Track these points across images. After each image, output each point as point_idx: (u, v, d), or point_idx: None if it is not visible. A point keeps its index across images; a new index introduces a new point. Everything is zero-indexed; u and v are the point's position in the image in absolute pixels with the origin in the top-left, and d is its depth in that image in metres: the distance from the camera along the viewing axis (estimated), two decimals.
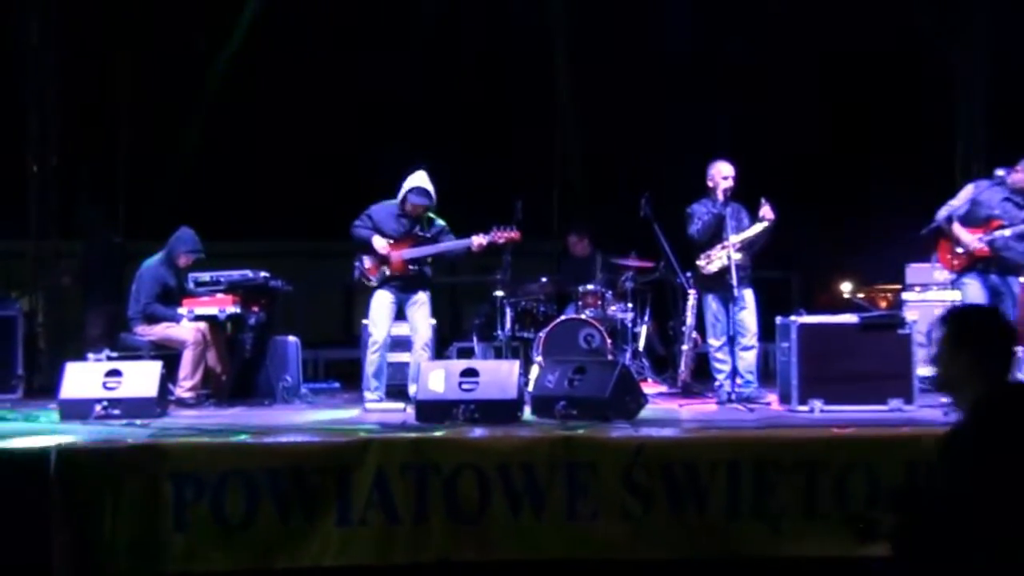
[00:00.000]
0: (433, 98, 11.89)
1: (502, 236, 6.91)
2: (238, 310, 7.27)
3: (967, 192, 6.92)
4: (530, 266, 9.16)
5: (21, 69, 9.60)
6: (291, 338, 7.90)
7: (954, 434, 3.01)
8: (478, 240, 6.89)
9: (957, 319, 3.09)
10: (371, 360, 6.86)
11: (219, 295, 7.29)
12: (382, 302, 6.93)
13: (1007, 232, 6.70)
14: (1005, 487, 2.78)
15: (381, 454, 4.79)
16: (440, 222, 7.11)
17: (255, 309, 7.42)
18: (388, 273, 6.93)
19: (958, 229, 6.78)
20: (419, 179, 6.91)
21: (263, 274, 7.54)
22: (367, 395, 6.82)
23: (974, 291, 6.79)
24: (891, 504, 3.17)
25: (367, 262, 6.98)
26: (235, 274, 7.39)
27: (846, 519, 4.01)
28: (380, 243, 6.91)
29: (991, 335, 3.01)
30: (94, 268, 9.07)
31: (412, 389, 6.79)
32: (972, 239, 6.73)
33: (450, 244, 7.01)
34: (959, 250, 6.79)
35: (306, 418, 6.35)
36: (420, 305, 6.99)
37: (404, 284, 6.96)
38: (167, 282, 7.29)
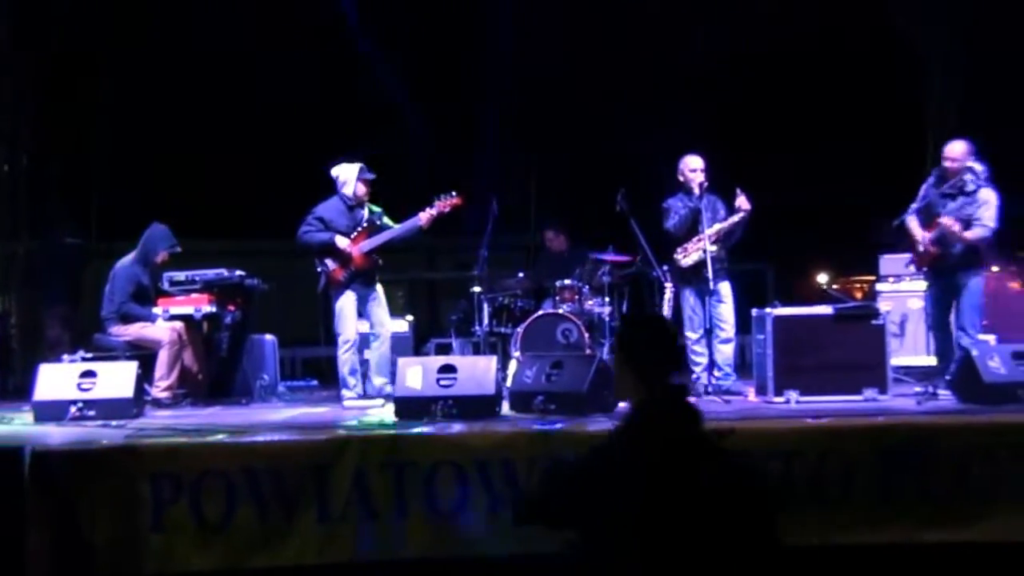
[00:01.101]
0: (409, 95, 11.89)
1: (447, 204, 6.91)
2: (214, 309, 7.25)
3: (923, 188, 6.74)
4: (507, 261, 9.18)
5: None
6: (268, 336, 7.87)
7: (609, 438, 3.04)
8: (425, 216, 6.86)
9: (621, 330, 3.22)
10: (345, 360, 6.84)
11: (195, 294, 7.26)
12: (349, 301, 6.89)
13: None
14: (642, 492, 2.80)
15: (360, 452, 4.78)
16: (378, 208, 7.07)
17: (231, 308, 7.40)
18: (353, 270, 6.88)
19: (913, 227, 6.67)
20: (355, 164, 6.91)
21: (239, 273, 7.52)
22: (345, 393, 6.81)
23: (932, 290, 6.77)
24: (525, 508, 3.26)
25: (331, 265, 6.88)
26: (210, 273, 7.37)
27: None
28: (343, 242, 6.84)
29: (651, 344, 3.03)
30: (44, 268, 8.95)
31: (379, 382, 6.79)
32: (920, 237, 6.62)
33: (403, 227, 6.94)
34: (920, 248, 6.67)
35: (284, 416, 6.33)
36: (380, 299, 6.99)
37: (366, 279, 6.94)
38: (141, 281, 7.24)
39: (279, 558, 4.68)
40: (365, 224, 6.94)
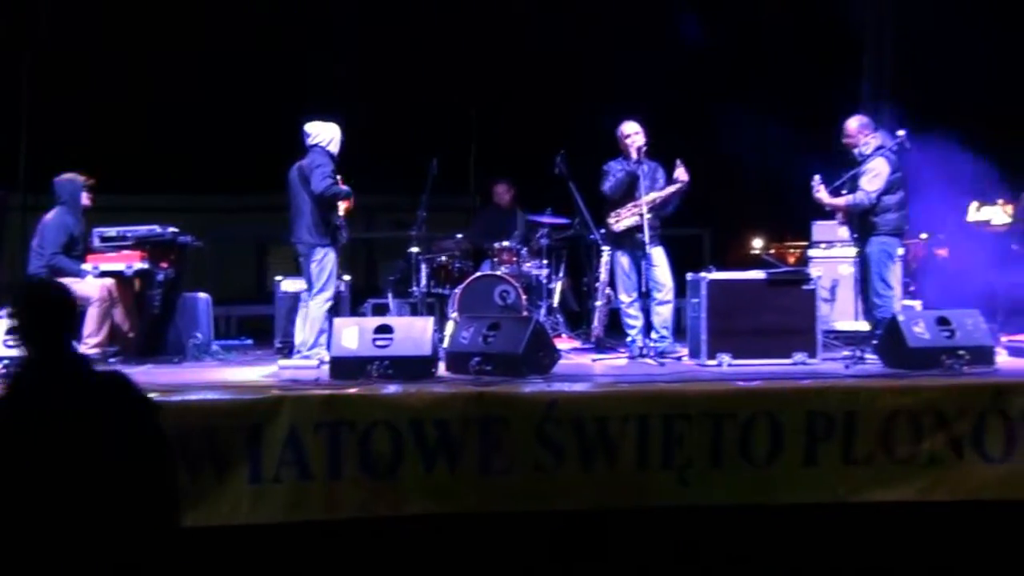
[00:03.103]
0: (349, 51, 11.71)
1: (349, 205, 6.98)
2: (146, 266, 7.10)
3: None
4: (446, 222, 9.16)
5: None
6: (201, 295, 7.76)
7: None
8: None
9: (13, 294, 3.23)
10: (323, 318, 6.71)
11: (126, 251, 7.10)
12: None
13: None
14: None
15: (294, 411, 4.76)
16: None
17: (164, 265, 7.27)
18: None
19: (822, 196, 6.84)
20: (332, 123, 6.84)
21: (172, 229, 7.37)
22: (318, 351, 6.65)
23: (858, 256, 6.99)
24: None
25: (341, 220, 6.85)
26: (142, 229, 7.21)
27: None
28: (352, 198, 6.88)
29: (33, 307, 3.07)
30: None
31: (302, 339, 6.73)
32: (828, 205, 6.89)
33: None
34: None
35: (217, 376, 6.26)
36: None
37: None
38: (73, 232, 7.05)
39: (210, 518, 4.65)
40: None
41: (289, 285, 8.08)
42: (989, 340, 5.80)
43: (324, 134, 6.82)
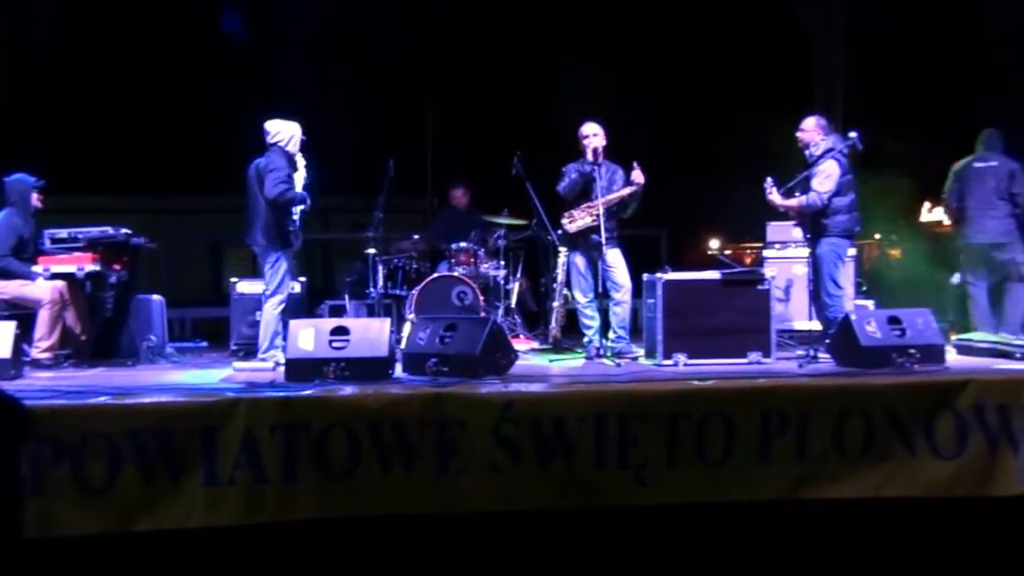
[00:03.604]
0: (306, 51, 11.62)
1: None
2: (98, 268, 7.01)
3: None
4: (403, 223, 9.13)
5: None
6: (155, 297, 7.67)
7: None
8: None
9: None
10: (276, 319, 6.67)
11: (77, 253, 7.00)
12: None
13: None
14: None
15: (249, 414, 4.72)
16: None
17: (116, 267, 7.18)
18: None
19: (775, 198, 6.92)
20: (293, 122, 6.81)
21: (124, 230, 7.28)
22: (274, 353, 6.63)
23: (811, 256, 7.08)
24: None
25: (297, 224, 6.80)
26: (94, 230, 7.11)
27: None
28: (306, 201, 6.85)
29: None
30: None
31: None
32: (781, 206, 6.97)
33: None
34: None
35: (171, 378, 6.20)
36: None
37: None
38: (22, 234, 6.94)
39: (165, 521, 4.61)
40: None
41: (245, 287, 8.03)
42: (939, 339, 5.90)
43: (284, 132, 6.77)
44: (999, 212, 7.64)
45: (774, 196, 6.86)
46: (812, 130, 6.88)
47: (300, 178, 6.82)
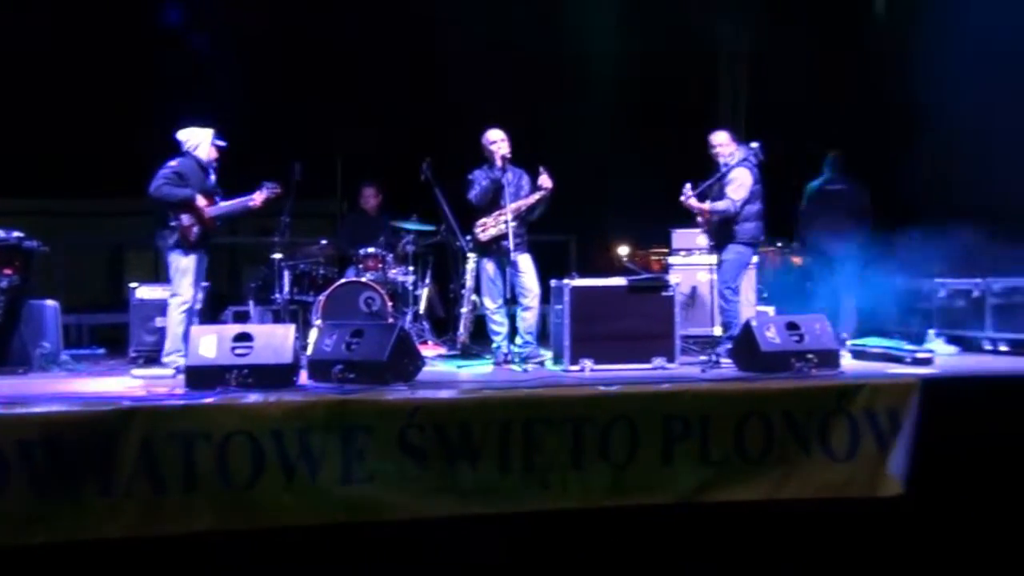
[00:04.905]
0: (211, 52, 11.39)
1: (274, 191, 6.97)
2: None
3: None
4: (310, 228, 9.02)
5: None
6: (49, 302, 7.41)
7: None
8: (260, 197, 6.93)
9: None
10: (180, 320, 6.61)
11: None
12: (193, 262, 6.71)
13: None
14: None
15: (146, 423, 4.61)
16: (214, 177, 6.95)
17: (7, 271, 6.91)
18: (204, 231, 6.75)
19: (692, 203, 7.08)
20: (207, 129, 6.82)
21: (16, 234, 7.03)
22: (176, 358, 6.52)
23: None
24: None
25: (186, 221, 6.68)
26: None
27: None
28: (202, 201, 6.74)
29: None
30: None
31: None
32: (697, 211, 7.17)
33: (239, 202, 6.93)
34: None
35: (65, 387, 6.00)
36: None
37: (208, 245, 6.84)
38: None
39: (58, 534, 4.47)
40: (211, 188, 6.87)
41: (145, 292, 7.83)
42: (835, 344, 6.07)
43: (192, 139, 6.84)
44: (846, 230, 8.28)
45: (692, 200, 6.99)
46: (727, 143, 7.11)
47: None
